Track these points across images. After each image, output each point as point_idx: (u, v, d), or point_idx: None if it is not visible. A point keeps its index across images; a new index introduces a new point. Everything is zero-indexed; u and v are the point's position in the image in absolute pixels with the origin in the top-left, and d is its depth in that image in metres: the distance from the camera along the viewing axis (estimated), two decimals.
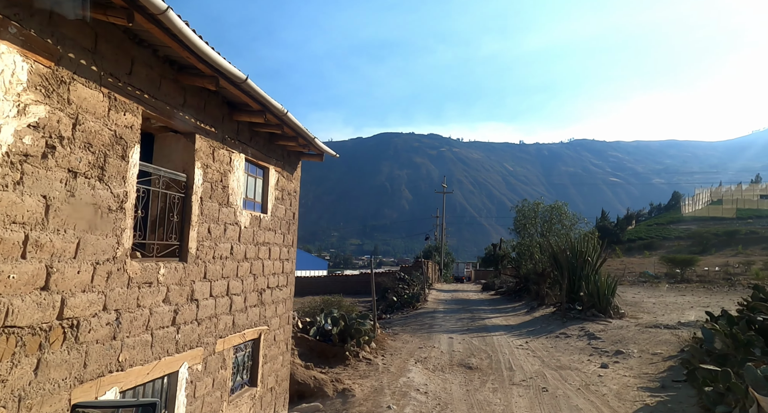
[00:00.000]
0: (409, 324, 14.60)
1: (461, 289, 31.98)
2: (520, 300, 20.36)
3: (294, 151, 6.44)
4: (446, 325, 14.22)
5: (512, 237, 20.07)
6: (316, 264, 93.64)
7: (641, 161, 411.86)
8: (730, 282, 30.56)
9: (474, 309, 18.07)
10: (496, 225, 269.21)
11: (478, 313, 16.93)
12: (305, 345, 8.62)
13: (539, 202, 18.20)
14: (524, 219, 17.95)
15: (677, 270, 37.50)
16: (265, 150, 5.51)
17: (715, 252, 56.49)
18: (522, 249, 17.85)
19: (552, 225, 17.16)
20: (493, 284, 29.70)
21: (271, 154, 5.71)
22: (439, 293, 26.89)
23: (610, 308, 12.80)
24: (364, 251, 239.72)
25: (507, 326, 13.91)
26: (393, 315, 17.45)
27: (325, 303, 12.78)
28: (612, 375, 8.10)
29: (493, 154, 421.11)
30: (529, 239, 17.72)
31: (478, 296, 25.78)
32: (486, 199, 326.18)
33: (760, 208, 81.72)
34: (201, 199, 4.10)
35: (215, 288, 4.38)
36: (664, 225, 76.41)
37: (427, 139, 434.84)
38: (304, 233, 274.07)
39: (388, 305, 19.04)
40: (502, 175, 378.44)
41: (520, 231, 18.33)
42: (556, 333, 11.89)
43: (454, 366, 9.06)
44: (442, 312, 17.38)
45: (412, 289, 21.63)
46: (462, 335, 12.29)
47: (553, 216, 17.35)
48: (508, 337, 11.94)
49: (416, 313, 17.31)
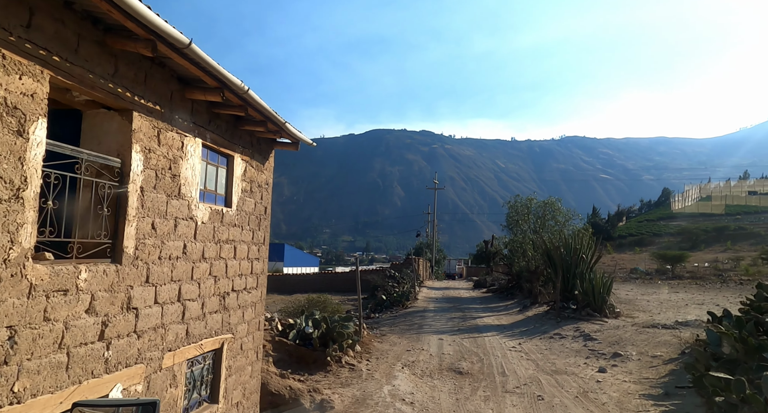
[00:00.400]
0: (397, 325, 14.04)
1: (452, 287, 31.53)
2: (513, 299, 19.90)
3: (265, 139, 5.80)
4: (436, 325, 13.69)
5: (504, 234, 19.60)
6: (307, 261, 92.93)
7: (631, 158, 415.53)
8: (722, 279, 30.47)
9: (465, 308, 17.58)
10: (488, 222, 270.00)
11: (470, 312, 16.43)
12: (283, 351, 8.01)
13: (532, 198, 17.67)
14: (516, 216, 17.42)
15: (668, 266, 37.50)
16: (229, 135, 4.87)
17: (705, 249, 56.83)
18: (514, 246, 17.33)
19: (545, 222, 16.66)
20: (485, 281, 29.29)
21: (237, 140, 5.07)
22: (429, 291, 26.39)
23: (605, 307, 12.34)
24: (356, 248, 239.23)
25: (499, 326, 13.41)
26: (382, 315, 16.89)
27: (310, 302, 12.17)
28: (611, 381, 7.60)
29: (484, 151, 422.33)
30: (522, 236, 17.22)
31: (469, 294, 25.32)
32: (478, 195, 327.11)
33: (749, 204, 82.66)
34: (142, 189, 3.46)
35: (162, 293, 3.74)
36: (655, 221, 76.89)
37: (419, 135, 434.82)
38: (296, 230, 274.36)
39: (377, 304, 18.48)
40: (493, 172, 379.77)
41: (513, 227, 17.82)
42: (551, 333, 11.40)
43: (443, 371, 8.51)
44: (433, 311, 16.86)
45: (402, 287, 21.09)
46: (452, 336, 11.76)
47: (546, 212, 16.84)
48: (500, 338, 11.43)
49: (406, 312, 16.76)
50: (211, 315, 4.55)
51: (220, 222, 4.70)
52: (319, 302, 12.15)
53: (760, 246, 54.93)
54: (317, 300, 12.19)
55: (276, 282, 31.39)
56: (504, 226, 19.07)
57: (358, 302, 10.81)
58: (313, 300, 12.17)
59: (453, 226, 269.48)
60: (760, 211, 74.28)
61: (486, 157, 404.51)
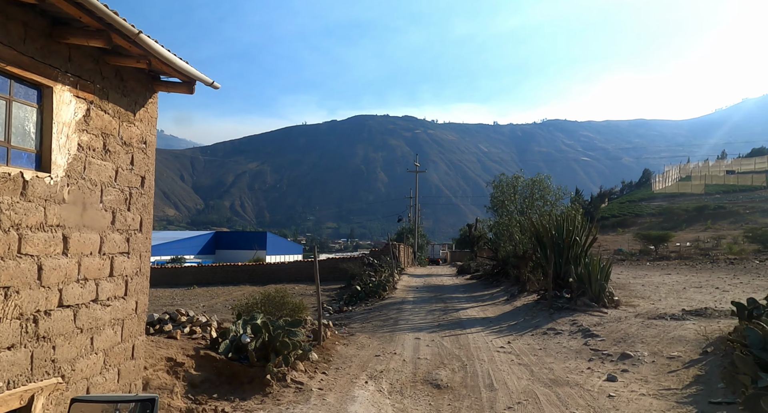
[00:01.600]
0: (370, 320, 12.35)
1: (435, 273, 30.07)
2: (498, 286, 18.43)
3: (136, 73, 3.87)
4: (414, 320, 12.04)
5: (489, 217, 17.99)
6: (290, 249, 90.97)
7: (611, 140, 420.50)
8: (710, 259, 29.70)
9: (447, 298, 16.01)
10: (471, 206, 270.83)
11: (452, 303, 14.85)
12: (210, 368, 6.21)
13: (519, 176, 15.95)
14: (502, 196, 15.73)
15: (651, 246, 36.87)
16: (41, 52, 2.95)
17: (686, 228, 56.86)
18: (500, 229, 15.69)
19: (533, 202, 15.04)
20: (469, 267, 27.88)
21: (60, 61, 3.14)
22: (410, 279, 24.82)
23: (603, 295, 10.84)
24: (340, 234, 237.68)
25: (485, 319, 11.83)
26: (355, 308, 15.20)
27: (266, 298, 10.34)
28: (626, 395, 6.02)
29: (467, 136, 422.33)
30: (508, 218, 15.60)
31: (452, 281, 23.85)
32: (461, 180, 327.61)
33: (727, 184, 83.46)
34: None
35: None
36: (636, 202, 77.06)
37: (401, 121, 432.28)
38: (279, 218, 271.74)
39: (351, 295, 16.77)
40: (476, 156, 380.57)
41: (498, 209, 16.16)
42: (544, 328, 9.83)
43: (417, 384, 6.84)
44: (412, 302, 15.22)
45: (379, 276, 19.42)
46: (431, 333, 10.11)
47: (534, 191, 15.23)
48: (486, 335, 9.82)
49: (382, 305, 15.09)
50: (4, 352, 2.70)
51: (20, 197, 2.82)
52: (276, 298, 10.32)
53: (739, 224, 55.18)
54: (274, 296, 10.36)
55: (248, 272, 29.43)
56: (488, 208, 17.44)
57: (317, 298, 9.01)
58: (270, 296, 10.34)
59: (437, 211, 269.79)
60: (738, 190, 74.95)
61: (469, 141, 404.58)
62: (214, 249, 76.84)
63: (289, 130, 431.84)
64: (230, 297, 22.10)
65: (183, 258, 60.34)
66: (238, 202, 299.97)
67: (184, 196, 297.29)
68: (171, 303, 20.14)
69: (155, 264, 58.14)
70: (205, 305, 19.17)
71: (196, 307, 18.58)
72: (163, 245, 70.35)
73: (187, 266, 31.59)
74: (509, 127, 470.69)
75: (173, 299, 21.74)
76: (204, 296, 22.99)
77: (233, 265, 30.41)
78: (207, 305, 19.13)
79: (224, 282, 28.93)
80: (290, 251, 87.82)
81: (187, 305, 19.59)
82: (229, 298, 21.40)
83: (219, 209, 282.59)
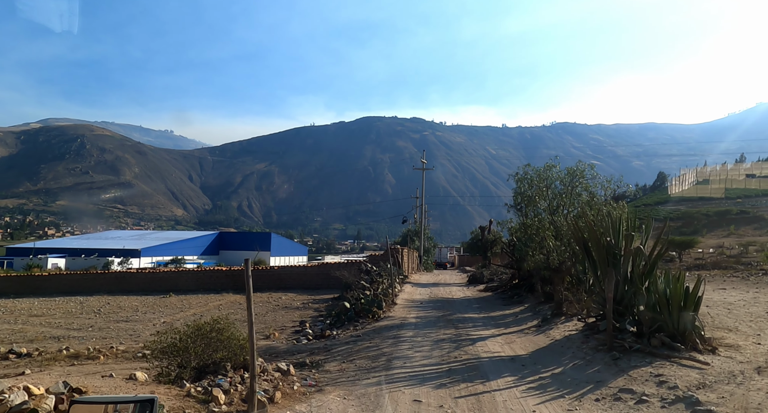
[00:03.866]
0: (354, 357, 8.99)
1: (443, 282, 26.65)
2: (521, 302, 15.00)
3: None
4: (414, 358, 8.67)
5: (509, 217, 14.56)
6: (295, 250, 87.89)
7: (621, 144, 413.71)
8: (756, 268, 26.00)
9: (459, 320, 12.61)
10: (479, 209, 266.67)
11: (466, 327, 11.46)
12: None
13: (552, 165, 12.29)
14: (530, 190, 12.16)
15: (673, 253, 33.40)
16: None
17: (707, 234, 52.81)
18: (528, 232, 12.11)
19: (573, 199, 11.49)
20: (482, 276, 24.44)
21: None
22: (414, 289, 21.44)
23: (692, 333, 7.40)
24: (347, 235, 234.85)
25: (514, 359, 8.43)
26: (341, 332, 11.85)
27: (195, 334, 7.04)
28: None
29: (476, 138, 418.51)
30: (537, 219, 12.11)
31: (463, 293, 20.42)
32: (469, 182, 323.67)
33: (748, 188, 79.03)
34: None
35: None
36: (652, 206, 73.09)
37: (409, 122, 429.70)
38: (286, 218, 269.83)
39: (339, 313, 13.43)
40: (485, 159, 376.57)
41: (525, 206, 12.67)
42: (613, 387, 6.40)
43: None
44: (413, 326, 11.85)
45: (376, 288, 16.08)
46: (439, 389, 6.75)
47: (575, 183, 11.70)
48: (523, 394, 6.43)
49: (375, 329, 11.74)
50: None
51: None
52: (210, 334, 7.04)
53: (764, 230, 51.07)
54: (208, 331, 7.08)
55: (233, 278, 26.19)
56: (510, 207, 14.01)
57: (249, 339, 5.62)
58: (202, 331, 7.06)
59: (444, 214, 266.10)
60: (760, 194, 70.68)
61: (477, 143, 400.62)
62: (218, 250, 74.33)
63: (297, 131, 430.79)
64: (204, 308, 18.88)
65: (183, 260, 57.58)
66: (245, 203, 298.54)
67: (192, 196, 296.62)
68: (130, 318, 16.95)
69: (156, 265, 55.77)
70: (166, 321, 15.95)
71: (153, 325, 15.36)
72: (166, 246, 67.71)
73: (165, 270, 28.45)
74: (518, 129, 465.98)
75: (136, 311, 18.58)
76: (174, 307, 19.76)
77: (216, 270, 27.25)
78: (168, 321, 15.91)
79: (206, 288, 25.77)
80: (295, 252, 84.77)
81: (148, 320, 16.38)
82: (203, 311, 18.20)
83: (227, 209, 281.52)
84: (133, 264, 51.63)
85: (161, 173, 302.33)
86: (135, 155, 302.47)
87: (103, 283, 26.20)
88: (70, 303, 21.49)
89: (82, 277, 26.70)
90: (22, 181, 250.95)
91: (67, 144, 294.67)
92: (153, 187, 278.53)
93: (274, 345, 10.67)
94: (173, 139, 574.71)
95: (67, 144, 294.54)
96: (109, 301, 21.95)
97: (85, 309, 19.52)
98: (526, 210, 12.82)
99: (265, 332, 12.70)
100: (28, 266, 42.22)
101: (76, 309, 19.36)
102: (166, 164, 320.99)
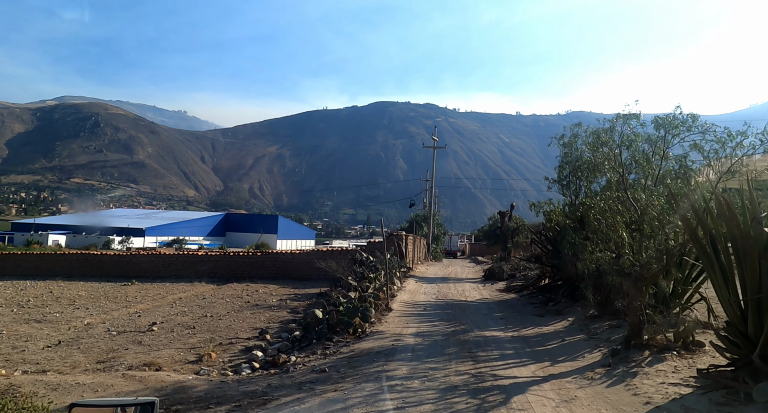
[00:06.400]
0: None
1: (453, 276, 22.70)
2: (563, 314, 11.02)
3: None
4: None
5: (552, 196, 10.47)
6: (303, 233, 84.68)
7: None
8: None
9: (478, 341, 8.67)
10: (491, 197, 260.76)
11: (489, 358, 7.53)
12: None
13: (633, 113, 7.68)
14: (594, 155, 7.81)
15: None
16: None
17: None
18: (593, 216, 7.62)
19: (664, 166, 7.26)
20: (501, 271, 20.43)
21: None
22: (418, 286, 17.53)
23: None
24: (357, 220, 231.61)
25: None
26: (302, 358, 8.02)
27: None
28: None
29: (489, 125, 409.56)
30: (602, 197, 7.94)
31: (479, 293, 16.47)
32: (481, 170, 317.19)
33: None
34: None
35: None
36: None
37: (422, 108, 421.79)
38: (297, 202, 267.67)
39: (308, 325, 9.55)
40: (497, 146, 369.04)
41: (580, 180, 8.55)
42: None
43: None
44: (410, 352, 7.95)
45: (365, 287, 12.20)
46: None
47: (668, 141, 7.47)
48: None
49: (351, 356, 7.86)
50: None
51: None
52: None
53: None
54: None
55: (201, 264, 22.55)
56: (552, 182, 9.91)
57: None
58: None
59: (455, 201, 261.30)
60: None
61: (490, 131, 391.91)
62: (224, 232, 71.83)
63: (309, 114, 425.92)
64: (155, 304, 15.23)
65: (185, 240, 54.79)
66: (257, 185, 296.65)
67: (204, 177, 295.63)
68: (47, 317, 13.29)
69: (159, 245, 53.07)
70: (90, 322, 12.26)
71: (68, 329, 11.68)
72: (171, 225, 64.93)
73: (133, 253, 24.92)
74: (532, 117, 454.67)
75: (71, 304, 14.95)
76: (121, 301, 16.00)
77: (193, 255, 23.67)
78: (92, 323, 12.25)
79: (179, 275, 22.25)
80: (303, 236, 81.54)
81: (68, 320, 12.61)
82: (152, 307, 14.57)
83: (238, 191, 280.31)
84: (134, 244, 49.38)
85: (174, 153, 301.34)
86: (148, 135, 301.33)
87: (64, 265, 22.84)
88: (8, 290, 18.08)
89: (39, 258, 23.35)
90: (37, 157, 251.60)
91: (82, 122, 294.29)
92: (165, 166, 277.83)
93: (192, 381, 6.87)
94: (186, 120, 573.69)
95: (81, 122, 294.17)
96: (55, 288, 18.50)
97: (14, 299, 16.02)
98: (580, 184, 8.76)
99: (200, 350, 8.93)
100: (27, 242, 40.54)
101: (2, 300, 15.87)
102: (179, 145, 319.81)
